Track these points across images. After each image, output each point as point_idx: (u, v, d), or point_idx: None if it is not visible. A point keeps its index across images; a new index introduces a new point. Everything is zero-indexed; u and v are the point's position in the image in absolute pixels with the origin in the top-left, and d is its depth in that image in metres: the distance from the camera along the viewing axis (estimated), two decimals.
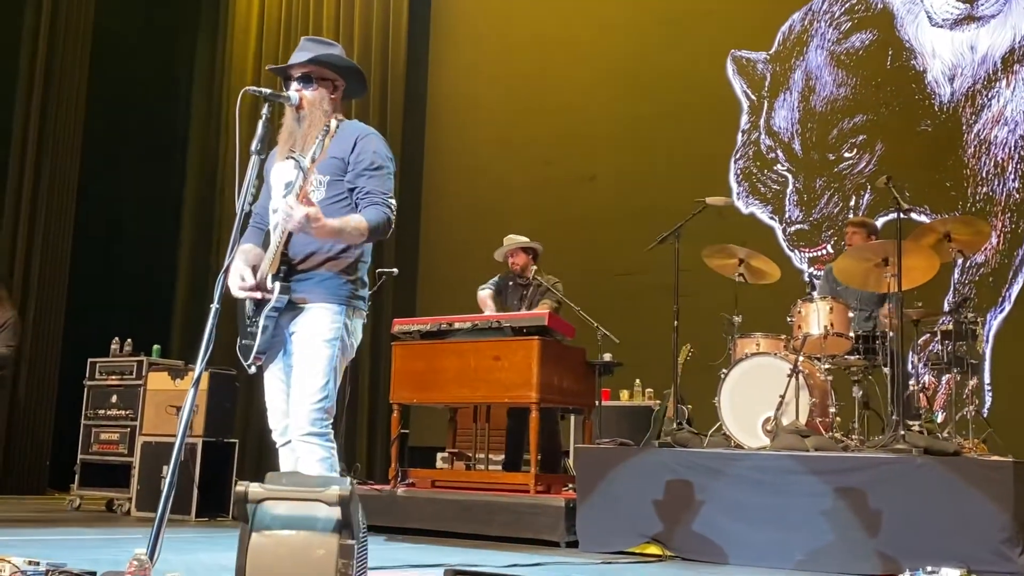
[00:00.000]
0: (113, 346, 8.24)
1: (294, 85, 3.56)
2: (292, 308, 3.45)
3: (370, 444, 10.25)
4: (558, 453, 7.44)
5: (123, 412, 7.92)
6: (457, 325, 6.86)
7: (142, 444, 7.65)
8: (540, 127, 10.21)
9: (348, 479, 2.67)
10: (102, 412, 8.04)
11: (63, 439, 9.01)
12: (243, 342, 3.50)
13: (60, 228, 10.15)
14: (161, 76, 11.43)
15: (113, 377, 8.06)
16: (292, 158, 3.31)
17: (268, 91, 3.45)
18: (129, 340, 8.26)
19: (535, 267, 7.30)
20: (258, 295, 3.43)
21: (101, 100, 10.59)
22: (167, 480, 3.00)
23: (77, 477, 8.07)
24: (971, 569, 4.71)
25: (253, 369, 3.50)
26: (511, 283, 7.38)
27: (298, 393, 3.40)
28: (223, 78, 11.86)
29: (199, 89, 11.97)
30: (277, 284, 3.40)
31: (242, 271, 3.47)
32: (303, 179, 3.24)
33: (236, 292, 3.47)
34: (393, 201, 3.49)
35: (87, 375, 8.20)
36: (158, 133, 11.38)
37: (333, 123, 3.39)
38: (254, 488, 2.62)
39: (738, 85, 9.28)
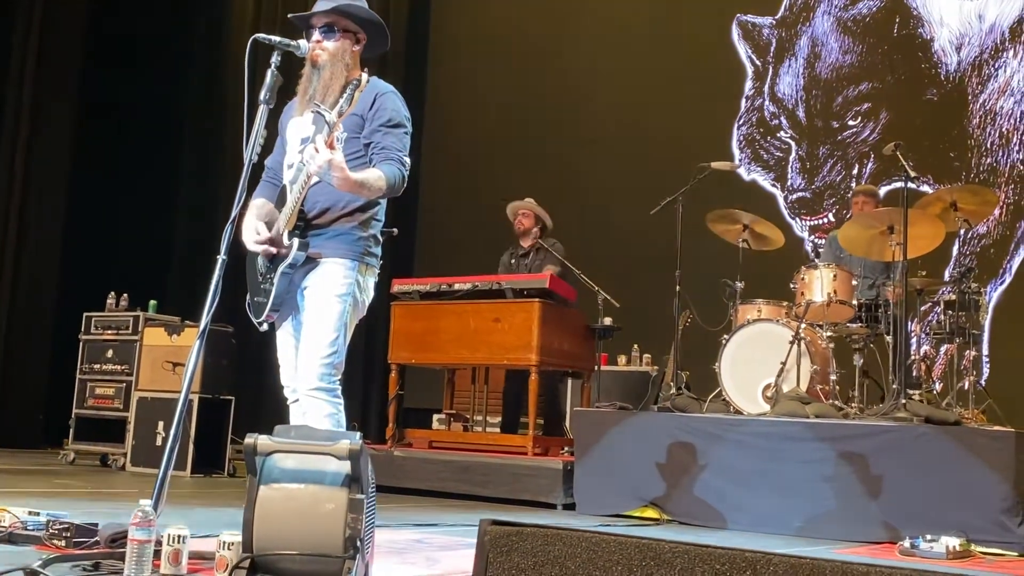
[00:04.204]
0: (109, 300, 8.19)
1: (315, 35, 3.48)
2: (305, 263, 3.39)
3: (365, 404, 10.23)
4: (561, 416, 7.44)
5: (118, 367, 7.88)
6: (457, 286, 6.82)
7: (137, 399, 7.62)
8: (542, 89, 10.11)
9: (358, 434, 2.64)
10: (97, 367, 8.00)
11: (57, 393, 8.97)
12: (255, 299, 3.45)
13: (55, 180, 10.05)
14: (160, 28, 11.25)
15: (109, 332, 8.01)
16: (318, 111, 3.23)
17: (278, 39, 3.37)
18: (125, 295, 8.21)
19: (538, 236, 7.29)
20: (273, 250, 3.38)
21: (100, 52, 10.45)
22: (171, 433, 2.96)
23: (71, 431, 8.06)
24: (970, 538, 4.72)
25: (265, 327, 3.45)
26: (513, 260, 7.36)
27: (306, 347, 3.35)
28: (223, 29, 11.69)
29: (199, 41, 11.80)
30: (295, 240, 3.34)
31: (256, 225, 3.42)
32: (329, 132, 3.17)
33: (251, 246, 3.41)
34: (408, 160, 3.44)
35: (82, 329, 8.15)
36: (157, 85, 11.22)
37: (365, 76, 3.32)
38: (263, 440, 2.58)
39: (743, 50, 9.19)
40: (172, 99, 11.55)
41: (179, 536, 2.81)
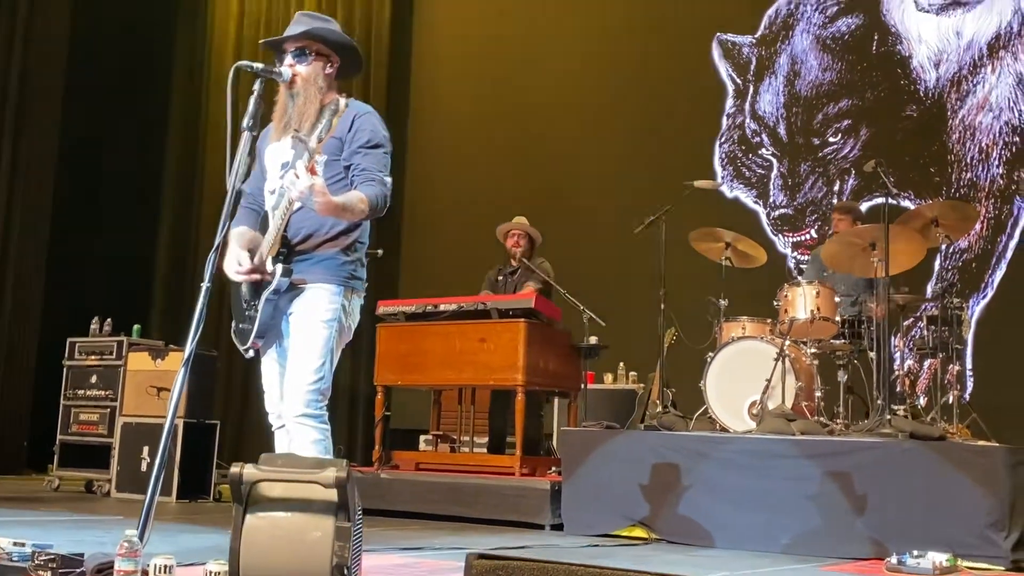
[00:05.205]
0: (93, 326, 8.15)
1: (287, 59, 3.49)
2: (290, 289, 3.39)
3: (351, 426, 10.21)
4: (539, 436, 7.43)
5: (103, 392, 7.84)
6: (443, 307, 6.82)
7: (122, 425, 7.58)
8: (524, 109, 10.15)
9: (344, 461, 2.63)
10: (81, 392, 7.96)
11: (42, 419, 8.91)
12: (240, 326, 3.44)
13: (38, 205, 10.01)
14: (141, 56, 11.27)
15: (93, 357, 7.97)
16: (297, 138, 3.24)
17: (260, 66, 3.38)
18: (109, 320, 8.17)
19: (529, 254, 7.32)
20: (257, 277, 3.37)
21: (80, 80, 10.44)
22: (157, 462, 2.95)
23: (56, 458, 7.99)
24: (957, 553, 4.72)
25: (251, 353, 3.45)
26: (500, 276, 7.37)
27: (293, 374, 3.35)
28: (203, 57, 11.73)
29: (180, 65, 11.82)
30: (278, 267, 3.34)
31: (239, 255, 3.41)
32: (309, 157, 3.17)
33: (234, 277, 3.41)
34: (389, 179, 3.45)
35: (66, 355, 8.11)
36: (139, 110, 11.22)
37: (342, 101, 3.34)
38: (249, 469, 2.57)
39: (723, 69, 9.26)
40: (153, 125, 11.57)
41: (166, 566, 2.79)
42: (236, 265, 3.40)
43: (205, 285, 3.12)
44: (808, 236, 8.59)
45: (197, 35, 11.82)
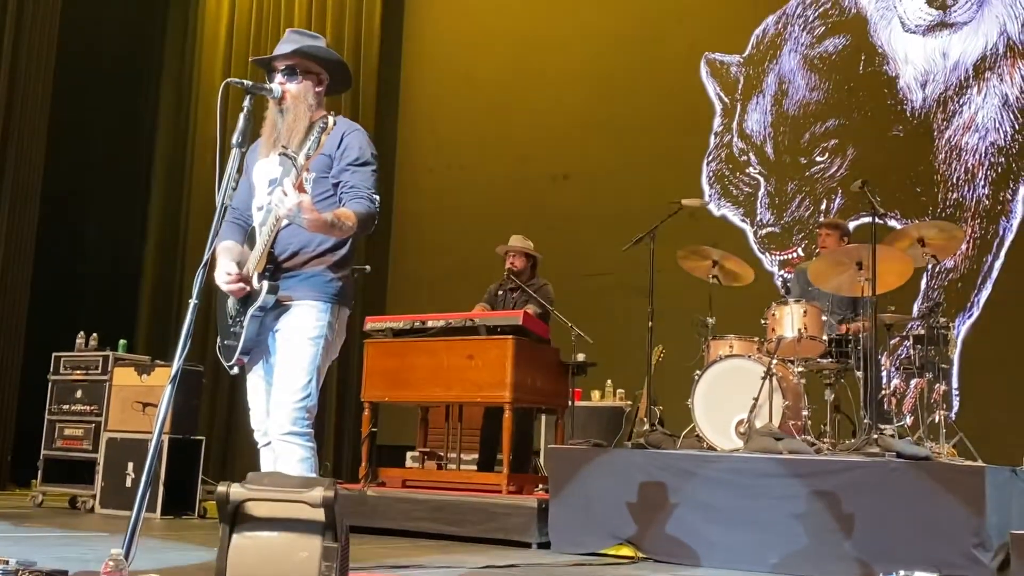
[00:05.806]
0: (78, 340, 8.12)
1: (278, 77, 3.50)
2: (276, 306, 3.38)
3: (337, 442, 10.17)
4: (529, 453, 7.41)
5: (88, 407, 7.79)
6: (430, 323, 6.81)
7: (107, 440, 7.54)
8: (513, 126, 10.18)
9: (331, 480, 2.62)
10: (66, 407, 7.91)
11: (26, 434, 8.85)
12: (225, 342, 3.43)
13: (24, 220, 9.97)
14: (129, 70, 11.27)
15: (78, 372, 7.93)
16: (285, 155, 3.24)
17: (250, 83, 3.39)
18: (95, 334, 8.14)
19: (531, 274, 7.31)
20: (246, 288, 3.36)
21: (68, 92, 10.43)
22: (143, 478, 2.94)
23: (40, 473, 7.94)
24: (943, 573, 4.73)
25: (235, 370, 3.43)
26: (500, 291, 7.35)
27: (279, 391, 3.34)
28: (192, 72, 11.73)
29: (167, 83, 11.83)
30: (264, 283, 3.33)
31: (228, 267, 3.40)
32: (297, 174, 3.17)
33: (223, 286, 3.40)
34: (377, 197, 3.46)
35: (51, 369, 8.06)
36: (125, 126, 11.21)
37: (331, 119, 3.34)
38: (236, 488, 2.56)
39: (711, 87, 9.29)
40: (140, 140, 11.56)
41: None
42: (225, 276, 3.39)
43: (193, 302, 3.12)
44: (795, 254, 8.62)
45: (186, 51, 11.82)
